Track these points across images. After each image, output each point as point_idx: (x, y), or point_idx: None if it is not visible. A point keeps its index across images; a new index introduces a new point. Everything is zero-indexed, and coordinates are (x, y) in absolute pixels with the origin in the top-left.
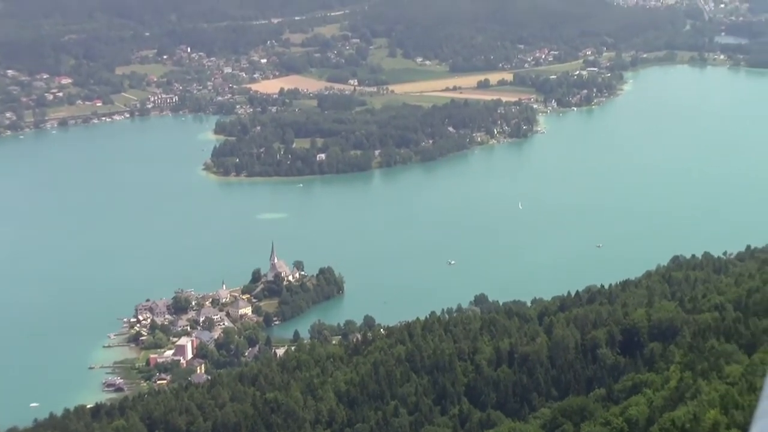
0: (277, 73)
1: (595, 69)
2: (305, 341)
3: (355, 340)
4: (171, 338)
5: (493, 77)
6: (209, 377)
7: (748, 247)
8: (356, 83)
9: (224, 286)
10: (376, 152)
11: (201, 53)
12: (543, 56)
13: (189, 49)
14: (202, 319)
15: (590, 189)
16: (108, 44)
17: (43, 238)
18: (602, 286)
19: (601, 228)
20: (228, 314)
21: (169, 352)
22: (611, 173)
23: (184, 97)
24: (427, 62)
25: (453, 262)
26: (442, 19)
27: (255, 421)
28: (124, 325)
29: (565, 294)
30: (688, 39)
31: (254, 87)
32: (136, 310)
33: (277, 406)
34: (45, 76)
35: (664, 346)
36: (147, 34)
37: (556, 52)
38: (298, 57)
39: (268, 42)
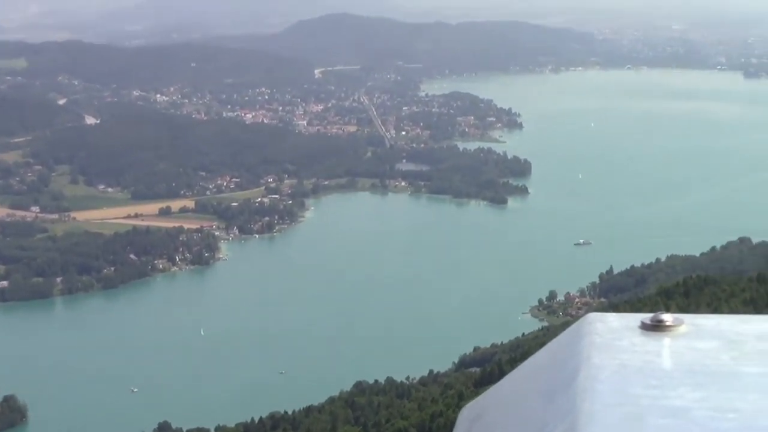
0: None
1: (277, 196)
2: None
3: None
4: None
5: (175, 204)
6: None
7: (431, 371)
8: (38, 210)
9: None
10: (58, 279)
11: None
12: (225, 183)
13: None
14: None
15: (272, 315)
16: None
17: None
18: (286, 412)
19: (283, 354)
20: None
21: None
22: (292, 299)
23: None
24: (110, 189)
25: (135, 389)
26: (124, 146)
27: None
28: None
29: (249, 420)
30: (369, 166)
31: None
32: None
33: None
34: None
35: None
36: None
37: (237, 179)
38: None
39: None
